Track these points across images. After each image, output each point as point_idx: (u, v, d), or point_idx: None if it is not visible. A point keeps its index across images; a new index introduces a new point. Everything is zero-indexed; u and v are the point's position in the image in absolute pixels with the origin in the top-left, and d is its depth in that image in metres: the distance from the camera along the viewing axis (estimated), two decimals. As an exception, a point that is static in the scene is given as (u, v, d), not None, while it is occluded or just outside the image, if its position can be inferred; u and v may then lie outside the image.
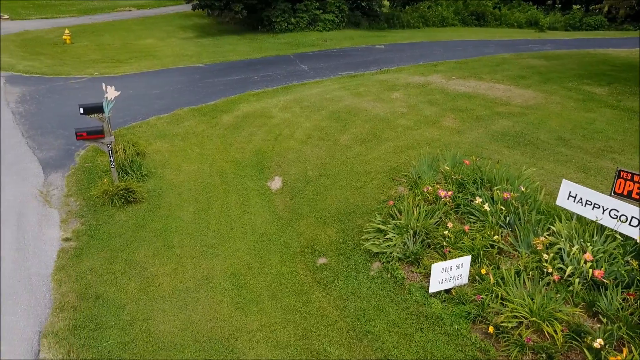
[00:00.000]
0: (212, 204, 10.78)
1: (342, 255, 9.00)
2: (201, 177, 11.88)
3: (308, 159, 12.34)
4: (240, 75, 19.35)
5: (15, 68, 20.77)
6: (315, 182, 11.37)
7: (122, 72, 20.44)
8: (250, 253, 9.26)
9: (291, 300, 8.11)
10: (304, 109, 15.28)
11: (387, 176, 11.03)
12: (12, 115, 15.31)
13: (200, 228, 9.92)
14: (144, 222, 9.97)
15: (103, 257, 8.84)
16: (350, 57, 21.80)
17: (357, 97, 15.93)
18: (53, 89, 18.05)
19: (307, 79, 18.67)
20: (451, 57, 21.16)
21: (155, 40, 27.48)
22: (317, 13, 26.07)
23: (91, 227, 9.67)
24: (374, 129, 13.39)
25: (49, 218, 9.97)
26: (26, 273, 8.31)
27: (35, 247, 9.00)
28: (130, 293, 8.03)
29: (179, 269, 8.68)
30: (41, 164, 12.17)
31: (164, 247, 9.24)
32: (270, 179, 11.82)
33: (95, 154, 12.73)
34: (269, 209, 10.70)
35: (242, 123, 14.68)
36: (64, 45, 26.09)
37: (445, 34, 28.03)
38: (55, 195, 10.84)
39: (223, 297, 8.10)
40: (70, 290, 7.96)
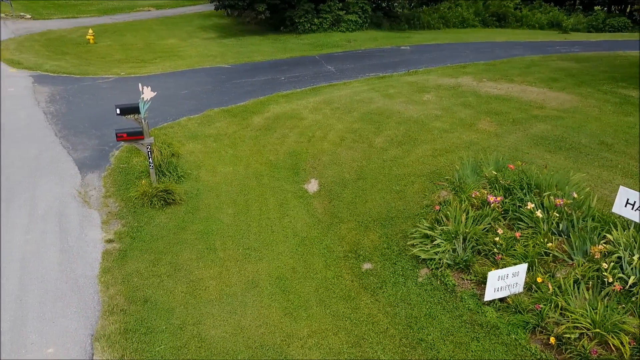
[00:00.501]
0: (251, 207, 10.69)
1: (388, 261, 8.85)
2: (237, 178, 11.79)
3: (343, 161, 12.21)
4: (267, 76, 19.27)
5: (42, 68, 20.86)
6: (353, 185, 11.24)
7: (148, 72, 20.44)
8: (294, 257, 9.14)
9: (340, 306, 7.99)
10: (334, 111, 15.15)
11: (428, 180, 10.86)
12: (43, 115, 15.34)
13: (241, 231, 9.83)
14: (184, 224, 9.89)
15: (147, 259, 8.77)
16: (376, 58, 21.63)
17: (388, 99, 15.78)
18: (82, 88, 18.08)
19: (335, 80, 18.54)
20: (479, 59, 20.92)
21: (178, 41, 27.51)
22: (340, 14, 25.93)
23: (132, 229, 9.61)
24: (409, 131, 13.23)
25: (89, 219, 9.93)
26: (73, 275, 8.26)
27: (79, 249, 8.95)
28: (177, 297, 7.94)
29: (223, 273, 8.59)
30: (77, 164, 12.16)
31: (206, 250, 9.16)
32: (306, 182, 11.71)
33: (130, 155, 12.70)
34: (307, 212, 10.58)
35: (273, 124, 14.58)
36: (87, 45, 26.19)
37: (469, 35, 27.77)
38: (94, 196, 10.81)
39: (271, 302, 7.99)
40: (117, 293, 7.90)
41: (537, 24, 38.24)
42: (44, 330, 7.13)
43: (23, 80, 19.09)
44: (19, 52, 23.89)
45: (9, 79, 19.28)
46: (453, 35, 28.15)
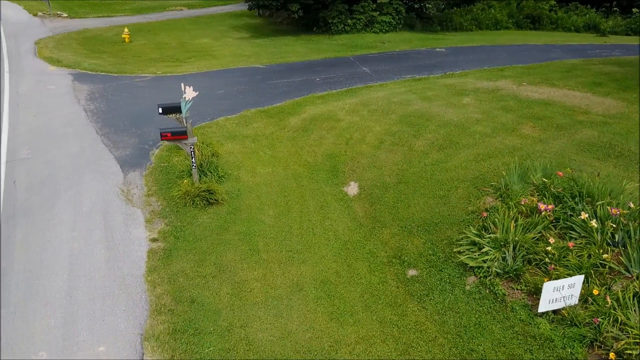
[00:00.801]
0: (292, 208, 10.64)
1: (434, 268, 8.70)
2: (277, 180, 11.76)
3: (383, 164, 12.07)
4: (302, 77, 19.23)
5: (81, 66, 21.22)
6: (394, 189, 11.09)
7: (183, 71, 20.61)
8: (337, 261, 9.06)
9: (386, 312, 7.87)
10: (372, 113, 15.01)
11: (472, 185, 10.65)
12: (84, 113, 15.57)
13: (283, 232, 9.79)
14: (226, 225, 9.90)
15: (192, 259, 8.79)
16: (412, 60, 21.41)
17: (426, 102, 15.57)
18: (120, 87, 18.32)
19: (371, 81, 18.40)
20: (517, 62, 20.52)
21: (211, 40, 27.70)
22: (374, 15, 25.75)
23: (176, 228, 9.65)
24: (450, 135, 13.02)
25: (133, 217, 10.01)
26: (120, 273, 8.33)
27: (124, 247, 9.03)
28: (223, 298, 7.93)
29: (268, 275, 8.55)
30: (118, 162, 12.29)
31: (249, 251, 9.14)
32: (346, 184, 11.61)
33: (170, 154, 12.79)
34: (348, 215, 10.49)
35: (310, 126, 14.52)
36: (123, 43, 26.56)
37: (504, 38, 27.30)
38: (137, 195, 10.90)
39: (316, 306, 7.92)
40: (164, 293, 7.92)
41: (573, 26, 37.36)
42: (94, 328, 7.19)
43: (63, 78, 19.44)
44: (58, 50, 24.36)
45: (49, 77, 19.67)
46: (487, 37, 27.71)
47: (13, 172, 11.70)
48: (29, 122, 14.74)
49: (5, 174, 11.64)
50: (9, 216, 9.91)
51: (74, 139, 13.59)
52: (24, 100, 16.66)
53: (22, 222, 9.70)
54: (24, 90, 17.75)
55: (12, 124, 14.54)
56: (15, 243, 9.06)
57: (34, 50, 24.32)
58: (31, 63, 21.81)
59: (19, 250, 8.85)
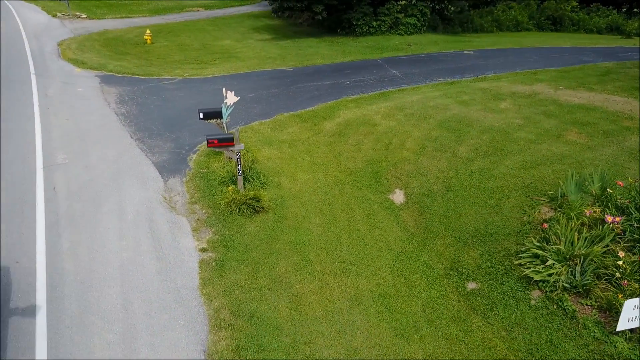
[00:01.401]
0: (338, 217, 10.39)
1: (494, 281, 8.41)
2: (319, 187, 11.51)
3: (428, 171, 11.79)
4: (331, 80, 18.98)
5: (106, 68, 21.08)
6: (443, 197, 10.81)
7: (210, 74, 20.42)
8: (393, 273, 8.80)
9: (451, 328, 7.60)
10: (408, 117, 14.73)
11: (523, 194, 10.34)
12: (116, 117, 15.40)
13: (332, 242, 9.54)
14: (275, 234, 9.66)
15: (245, 270, 8.55)
16: (441, 62, 21.09)
17: (463, 106, 15.26)
18: (148, 89, 18.15)
19: (402, 85, 18.11)
20: (549, 65, 20.15)
21: (233, 42, 27.51)
22: (398, 17, 25.44)
23: (225, 238, 9.42)
24: (493, 141, 12.71)
25: (179, 226, 9.79)
26: (174, 285, 8.10)
27: (174, 257, 8.81)
28: (282, 312, 7.69)
29: (324, 288, 8.30)
30: (157, 168, 12.09)
31: (302, 262, 8.89)
32: (391, 192, 11.34)
33: (208, 159, 12.58)
34: (398, 224, 10.22)
35: (346, 130, 14.26)
36: (145, 45, 26.42)
37: (530, 40, 26.91)
38: (179, 202, 10.68)
39: (379, 321, 7.66)
40: (222, 306, 7.69)
41: (595, 27, 36.91)
42: (155, 344, 6.97)
43: (90, 81, 19.30)
44: (81, 51, 24.25)
45: (76, 79, 19.53)
46: (513, 39, 27.34)
47: (52, 178, 11.52)
48: (62, 126, 14.58)
49: (43, 179, 11.45)
50: (52, 224, 9.72)
51: (109, 143, 13.40)
52: (54, 103, 16.52)
53: (67, 231, 9.51)
54: (52, 93, 17.61)
55: (45, 128, 14.38)
56: (63, 252, 8.87)
57: (58, 51, 24.22)
58: (56, 65, 21.69)
59: (68, 260, 8.65)
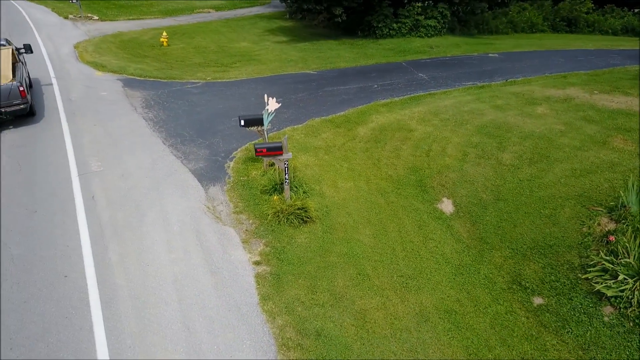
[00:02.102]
0: (387, 227, 10.10)
1: (562, 296, 8.12)
2: (362, 195, 11.22)
3: (474, 179, 11.50)
4: (358, 83, 18.68)
5: (127, 71, 20.77)
6: (493, 206, 10.52)
7: (233, 77, 20.12)
8: (454, 287, 8.51)
9: (525, 347, 7.31)
10: (444, 122, 14.44)
11: (578, 204, 10.05)
12: (144, 122, 15.10)
13: (387, 255, 9.25)
14: (326, 246, 9.36)
15: (303, 285, 8.26)
16: (467, 66, 20.80)
17: (499, 111, 14.97)
18: (173, 93, 17.85)
19: (431, 88, 17.82)
20: (577, 68, 19.86)
21: (250, 44, 27.21)
22: (419, 19, 25.15)
23: (276, 250, 9.12)
24: (537, 147, 12.42)
25: (228, 237, 9.49)
26: (233, 302, 7.81)
27: (228, 271, 8.51)
28: (349, 330, 7.39)
29: (387, 304, 8.01)
30: (195, 176, 11.79)
31: (359, 276, 8.60)
32: (438, 201, 11.05)
33: (246, 167, 12.28)
34: (451, 235, 9.93)
35: (381, 136, 13.97)
36: (161, 47, 26.11)
37: (551, 42, 26.62)
38: (224, 212, 10.39)
39: (449, 339, 7.37)
40: (286, 325, 7.40)
41: (610, 29, 36.62)
42: (224, 366, 6.67)
43: (112, 84, 19.00)
44: (99, 54, 23.94)
45: (97, 83, 19.23)
46: (533, 41, 27.06)
47: (89, 186, 11.22)
48: (91, 132, 14.28)
49: (80, 188, 11.15)
50: (96, 235, 9.43)
51: (142, 150, 13.10)
52: (79, 108, 16.22)
53: (113, 243, 9.21)
54: (76, 97, 17.31)
55: (73, 134, 14.08)
56: (112, 266, 8.57)
57: (75, 54, 23.92)
58: (75, 68, 21.39)
59: (118, 274, 8.35)
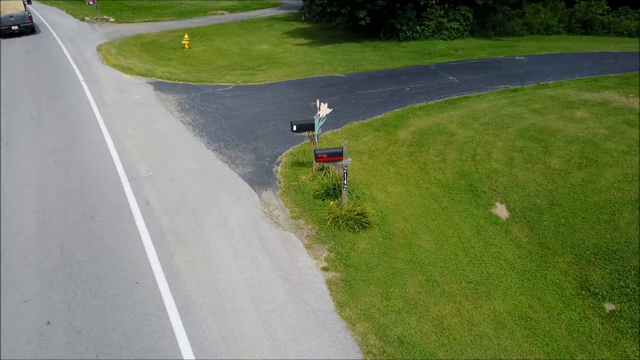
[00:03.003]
0: (446, 233, 10.12)
1: (634, 302, 8.17)
2: (414, 200, 11.25)
3: (525, 184, 11.52)
4: (390, 86, 18.69)
5: (155, 74, 20.81)
6: (549, 211, 10.54)
7: (262, 80, 20.13)
8: (523, 293, 8.54)
9: (605, 353, 7.35)
10: (485, 126, 14.46)
11: (636, 209, 10.08)
12: (184, 126, 15.12)
13: (451, 261, 9.27)
14: (389, 252, 9.38)
15: (375, 292, 8.28)
16: (495, 69, 20.81)
17: (538, 115, 15.00)
18: (205, 97, 17.87)
19: (464, 92, 17.84)
20: (606, 72, 19.88)
21: (271, 46, 27.23)
22: (442, 21, 25.19)
23: (341, 256, 9.14)
24: (583, 152, 12.45)
25: (290, 243, 9.52)
26: (309, 308, 7.83)
27: (298, 277, 8.53)
28: (430, 337, 7.42)
29: (461, 310, 8.03)
30: (246, 181, 11.83)
31: (428, 282, 8.62)
32: (492, 206, 11.07)
33: (294, 171, 12.31)
34: (510, 240, 9.95)
35: (423, 140, 13.98)
36: (183, 50, 26.13)
37: (575, 44, 26.66)
38: (281, 217, 10.41)
39: (530, 346, 7.40)
40: (367, 332, 7.42)
41: (625, 30, 36.64)
42: (314, 373, 6.68)
43: (143, 88, 19.03)
44: (123, 57, 23.97)
45: (127, 86, 19.26)
46: (557, 43, 27.10)
47: (141, 191, 11.24)
48: (132, 136, 14.31)
49: (133, 193, 11.17)
50: (159, 241, 9.45)
51: (187, 154, 13.13)
52: (115, 112, 16.25)
53: (177, 249, 9.23)
54: (109, 101, 17.34)
55: (115, 138, 14.11)
56: (181, 272, 8.59)
57: (99, 57, 23.96)
58: (102, 71, 21.42)
59: (190, 281, 8.38)
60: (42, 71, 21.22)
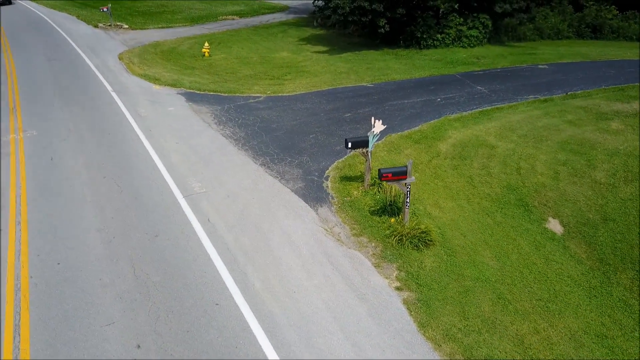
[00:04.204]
0: (506, 249, 10.34)
1: (703, 319, 8.38)
2: (468, 215, 11.47)
3: (575, 198, 11.78)
4: (420, 97, 18.90)
5: (183, 84, 20.92)
6: (604, 227, 10.80)
7: (291, 90, 20.29)
8: (594, 310, 8.78)
9: (685, 371, 7.56)
10: (523, 138, 14.71)
11: (691, 224, 10.34)
12: (225, 139, 15.27)
13: (517, 277, 9.50)
14: (456, 269, 9.59)
15: (453, 311, 8.48)
16: (521, 78, 21.07)
17: (574, 127, 15.27)
18: (239, 108, 18.02)
19: (495, 102, 18.08)
20: (631, 80, 20.18)
21: (290, 54, 27.38)
22: (462, 29, 25.46)
23: (411, 275, 9.34)
24: (627, 165, 12.73)
25: (359, 261, 9.71)
26: (393, 329, 8.03)
27: (374, 297, 8.72)
28: (516, 357, 7.62)
29: (538, 329, 8.25)
30: (299, 197, 12.01)
31: (500, 300, 8.84)
32: (545, 221, 11.31)
33: (344, 186, 12.51)
34: (570, 257, 10.20)
35: (464, 153, 14.20)
36: (204, 58, 26.23)
37: (591, 50, 27.00)
38: (342, 234, 10.59)
39: (612, 365, 7.61)
40: (454, 352, 7.63)
41: (634, 35, 37.07)
42: (412, 395, 6.87)
43: (175, 99, 19.16)
44: (146, 65, 24.06)
45: (159, 97, 19.38)
46: (571, 49, 27.51)
47: (199, 208, 11.39)
48: (176, 150, 14.45)
49: (191, 210, 11.32)
50: (229, 260, 9.61)
51: (236, 169, 13.29)
52: (152, 125, 16.37)
53: (249, 268, 9.40)
54: (144, 114, 17.46)
55: (160, 153, 14.24)
56: (259, 293, 8.76)
57: (123, 66, 24.04)
58: (131, 81, 21.52)
59: (270, 302, 8.54)
60: (69, 82, 21.26)
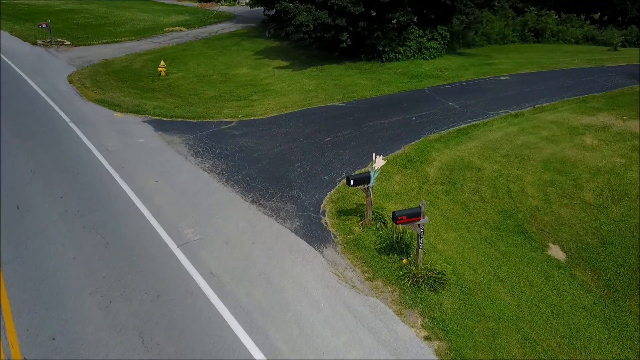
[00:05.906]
0: (517, 281, 10.43)
1: None
2: (472, 246, 11.50)
3: (569, 222, 12.07)
4: (396, 116, 18.88)
5: (147, 111, 19.87)
6: (604, 251, 11.12)
7: (262, 113, 19.74)
8: (615, 344, 9.02)
9: None
10: (506, 158, 14.98)
11: (683, 244, 10.82)
12: (206, 174, 14.59)
13: (535, 314, 9.59)
14: (476, 310, 9.55)
15: (485, 359, 8.38)
16: (488, 91, 21.50)
17: (552, 144, 15.72)
18: (213, 136, 17.32)
19: (469, 119, 18.35)
20: (589, 90, 21.09)
21: (250, 70, 26.75)
22: (422, 41, 25.75)
23: (436, 321, 9.19)
24: (610, 184, 13.21)
25: (380, 310, 9.45)
26: (435, 387, 7.81)
27: (406, 350, 8.51)
28: (558, 406, 7.62)
29: (570, 370, 8.31)
30: (301, 238, 11.62)
31: (526, 341, 8.87)
32: (546, 247, 11.51)
33: (342, 221, 12.23)
34: (579, 286, 10.40)
35: (453, 177, 14.28)
36: (161, 78, 25.11)
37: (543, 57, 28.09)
38: (355, 279, 10.31)
39: (648, 404, 7.77)
40: (500, 408, 7.51)
41: (573, 38, 39.12)
42: None
43: (142, 129, 18.16)
44: (101, 90, 22.72)
45: (124, 126, 18.29)
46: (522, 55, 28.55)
47: (198, 259, 10.75)
48: (158, 190, 13.64)
49: (190, 262, 10.66)
50: (247, 321, 9.08)
51: (228, 209, 12.70)
52: (124, 161, 15.40)
53: (271, 329, 8.92)
54: (113, 147, 16.42)
55: (141, 195, 13.39)
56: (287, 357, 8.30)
57: (75, 90, 22.59)
58: (87, 108, 20.22)
59: (300, 367, 8.12)
60: (19, 112, 19.65)
